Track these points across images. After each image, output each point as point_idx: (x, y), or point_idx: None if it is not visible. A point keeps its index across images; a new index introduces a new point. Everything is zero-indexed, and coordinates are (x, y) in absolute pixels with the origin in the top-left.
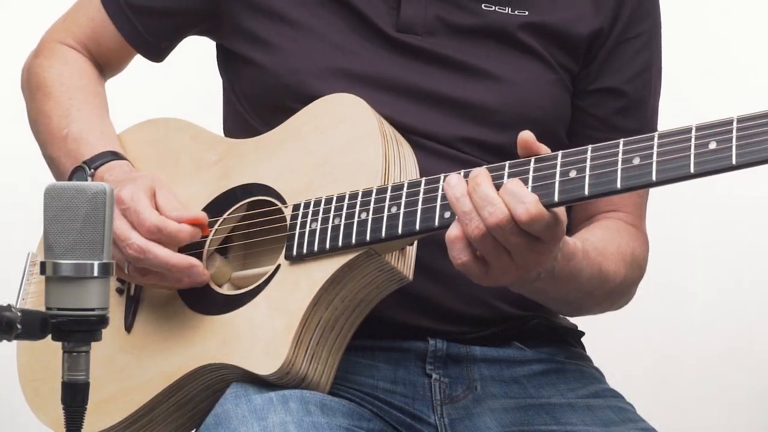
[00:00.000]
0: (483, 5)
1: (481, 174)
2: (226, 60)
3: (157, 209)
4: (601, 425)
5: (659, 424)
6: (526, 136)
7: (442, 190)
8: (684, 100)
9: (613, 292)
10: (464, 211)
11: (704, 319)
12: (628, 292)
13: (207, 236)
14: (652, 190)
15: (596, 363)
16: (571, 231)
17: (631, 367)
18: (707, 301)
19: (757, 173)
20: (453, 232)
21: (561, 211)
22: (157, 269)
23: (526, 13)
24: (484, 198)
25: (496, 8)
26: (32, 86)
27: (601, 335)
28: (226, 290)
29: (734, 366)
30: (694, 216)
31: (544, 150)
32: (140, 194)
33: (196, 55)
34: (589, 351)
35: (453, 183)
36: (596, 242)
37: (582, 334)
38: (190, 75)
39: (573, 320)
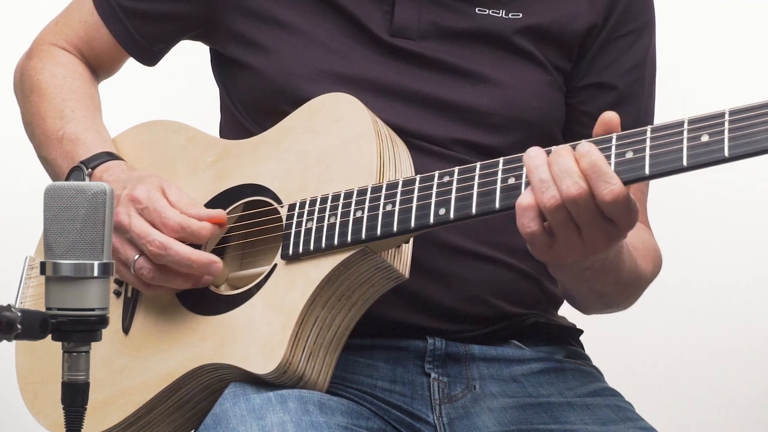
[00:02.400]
0: (477, 9)
1: (563, 147)
2: (221, 64)
3: (172, 207)
4: (600, 424)
5: (658, 423)
6: (612, 116)
7: (437, 187)
8: (676, 94)
9: (640, 287)
10: (541, 179)
11: (704, 318)
12: (647, 288)
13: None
14: (650, 189)
15: (595, 362)
16: None
17: (630, 365)
18: (707, 300)
19: (756, 171)
20: (525, 199)
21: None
22: (176, 266)
23: (520, 15)
24: (565, 169)
25: (490, 12)
26: (26, 88)
27: (599, 334)
28: (223, 291)
29: (734, 365)
30: (694, 215)
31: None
32: (156, 193)
33: (193, 58)
34: (588, 350)
35: (533, 153)
36: (629, 237)
37: (581, 332)
38: (186, 77)
39: (572, 319)
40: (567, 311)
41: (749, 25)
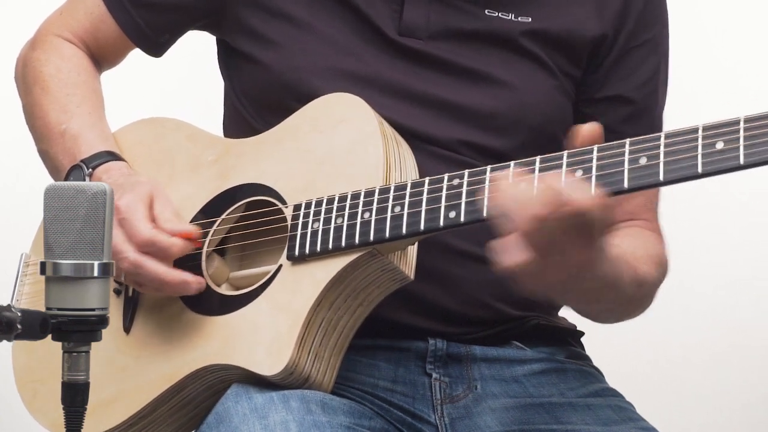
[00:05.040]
0: (486, 11)
1: (504, 177)
2: (227, 56)
3: (153, 220)
4: (602, 424)
5: (659, 423)
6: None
7: (446, 190)
8: (677, 95)
9: (646, 294)
10: (505, 210)
11: (704, 318)
12: (655, 294)
13: (199, 249)
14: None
15: (596, 362)
16: None
17: (630, 366)
18: (707, 300)
19: (757, 173)
20: (504, 240)
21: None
22: (149, 284)
23: (530, 19)
24: (523, 198)
25: (499, 14)
26: (29, 80)
27: (600, 335)
28: (225, 290)
29: (734, 365)
30: (695, 215)
31: None
32: (137, 205)
33: (195, 53)
34: (589, 350)
35: (492, 196)
36: (627, 247)
37: (581, 333)
38: (187, 74)
39: (572, 320)
40: (568, 312)
41: (749, 25)
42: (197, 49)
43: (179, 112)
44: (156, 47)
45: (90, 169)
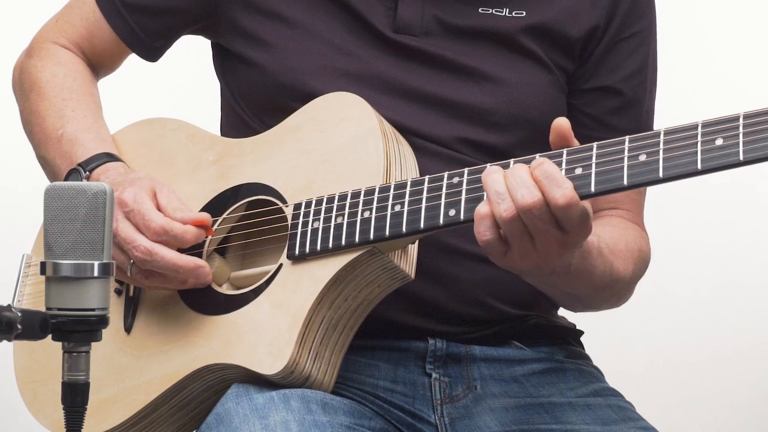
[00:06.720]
0: (480, 9)
1: (518, 163)
2: (223, 59)
3: (160, 210)
4: (601, 424)
5: (659, 422)
6: (562, 122)
7: (446, 188)
8: (676, 95)
9: (621, 289)
10: (497, 191)
11: (704, 318)
12: (632, 289)
13: (210, 237)
14: (652, 190)
15: (595, 362)
16: None
17: (630, 365)
18: (707, 300)
19: (757, 172)
20: (483, 209)
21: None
22: (163, 271)
23: (524, 13)
24: (519, 181)
25: (493, 11)
26: (25, 86)
27: (600, 334)
28: (226, 290)
29: (734, 365)
30: (695, 214)
31: (575, 144)
32: (143, 196)
33: (193, 55)
34: (588, 350)
35: (490, 169)
36: (608, 239)
37: (581, 333)
38: (186, 75)
39: (572, 319)
40: (567, 312)
41: (749, 25)
42: (194, 53)
43: (177, 115)
44: (151, 52)
45: (87, 172)
